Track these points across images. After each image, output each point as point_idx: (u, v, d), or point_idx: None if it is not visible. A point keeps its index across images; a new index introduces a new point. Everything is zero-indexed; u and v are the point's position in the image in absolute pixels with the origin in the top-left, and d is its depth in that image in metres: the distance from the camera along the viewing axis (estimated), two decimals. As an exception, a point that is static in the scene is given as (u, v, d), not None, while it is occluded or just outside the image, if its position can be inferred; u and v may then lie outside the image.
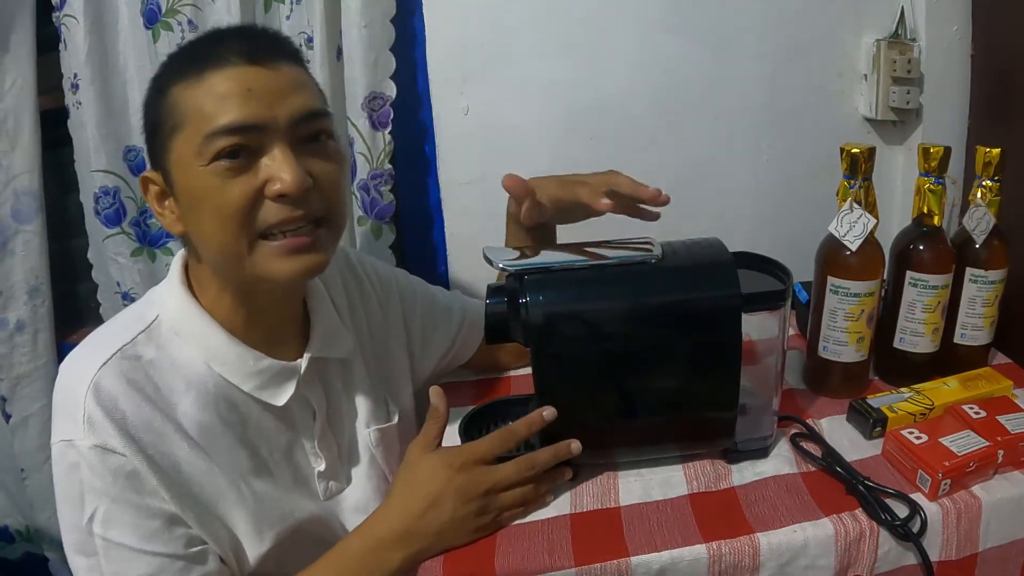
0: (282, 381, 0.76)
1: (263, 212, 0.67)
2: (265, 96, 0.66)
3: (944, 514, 0.69)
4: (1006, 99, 1.06)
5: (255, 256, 0.68)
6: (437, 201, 1.25)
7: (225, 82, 0.66)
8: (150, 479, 0.66)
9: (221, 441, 0.72)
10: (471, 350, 1.02)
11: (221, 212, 0.66)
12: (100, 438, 0.65)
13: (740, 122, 1.21)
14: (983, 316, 0.90)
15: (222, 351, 0.73)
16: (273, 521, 0.73)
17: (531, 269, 0.71)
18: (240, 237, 0.67)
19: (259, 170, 0.67)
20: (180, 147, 0.67)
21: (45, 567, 1.45)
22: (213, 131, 0.65)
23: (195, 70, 0.67)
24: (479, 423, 0.85)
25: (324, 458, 0.80)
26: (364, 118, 1.14)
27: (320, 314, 0.82)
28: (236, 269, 0.70)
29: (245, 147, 0.66)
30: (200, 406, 0.71)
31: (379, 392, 0.88)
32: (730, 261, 0.73)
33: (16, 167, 1.22)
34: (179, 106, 0.67)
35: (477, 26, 1.15)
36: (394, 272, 0.98)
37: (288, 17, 1.14)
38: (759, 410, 0.79)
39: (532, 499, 0.73)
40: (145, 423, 0.67)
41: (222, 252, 0.69)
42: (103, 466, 0.65)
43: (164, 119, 0.68)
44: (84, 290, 1.35)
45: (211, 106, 0.65)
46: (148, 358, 0.70)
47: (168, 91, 0.68)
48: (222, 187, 0.66)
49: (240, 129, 0.65)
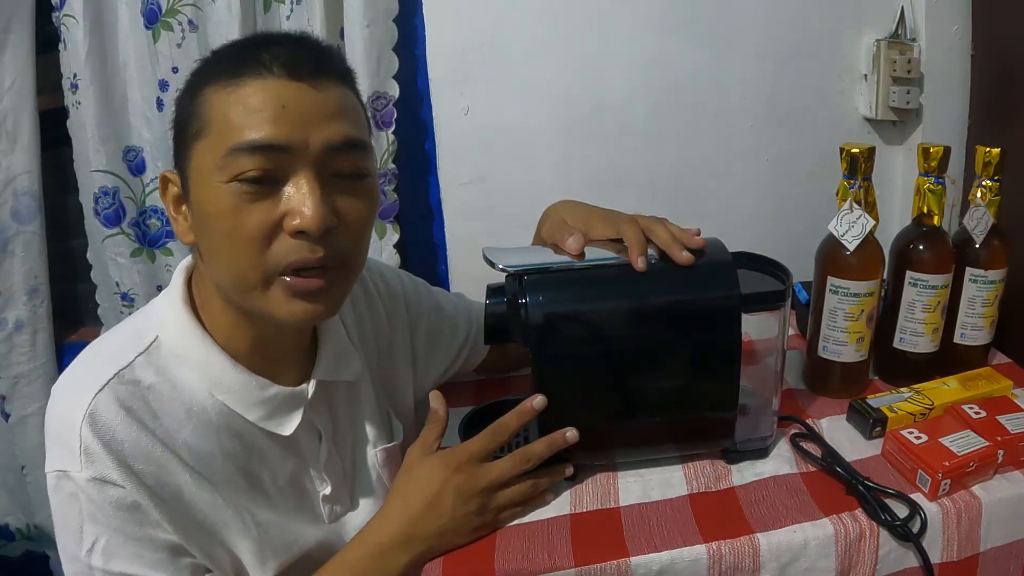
0: (289, 410, 0.73)
1: (279, 246, 0.62)
2: (300, 116, 0.61)
3: (944, 514, 0.69)
4: (1006, 99, 1.06)
5: (269, 292, 0.64)
6: (437, 201, 1.25)
7: (260, 94, 0.60)
8: (152, 511, 0.63)
9: (223, 471, 0.69)
10: (476, 361, 1.00)
11: (234, 238, 0.62)
12: (98, 471, 0.61)
13: (740, 122, 1.21)
14: (983, 316, 0.90)
15: (226, 379, 0.69)
16: (277, 550, 0.71)
17: (531, 270, 0.71)
18: (254, 269, 0.63)
19: (280, 199, 0.61)
20: (201, 154, 0.62)
21: (46, 565, 1.45)
22: (238, 146, 0.60)
23: (232, 74, 0.61)
24: (479, 423, 0.85)
25: (330, 482, 0.77)
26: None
27: (329, 336, 0.78)
28: (245, 299, 0.65)
29: (269, 172, 0.61)
30: (201, 435, 0.68)
31: (383, 410, 0.86)
32: (730, 261, 0.73)
33: (16, 167, 1.22)
34: (208, 110, 0.62)
35: (477, 26, 1.15)
36: (401, 280, 0.94)
37: (288, 17, 1.14)
38: (759, 410, 0.79)
39: (531, 496, 0.72)
40: (144, 453, 0.64)
41: (233, 279, 0.64)
42: (102, 498, 0.62)
43: (191, 120, 0.63)
44: (83, 290, 1.35)
45: (240, 117, 0.60)
46: (147, 383, 0.66)
47: (201, 91, 0.63)
48: (238, 210, 0.61)
49: (266, 148, 0.60)
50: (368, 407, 0.83)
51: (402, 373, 0.92)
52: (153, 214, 1.24)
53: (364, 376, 0.83)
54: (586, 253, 0.74)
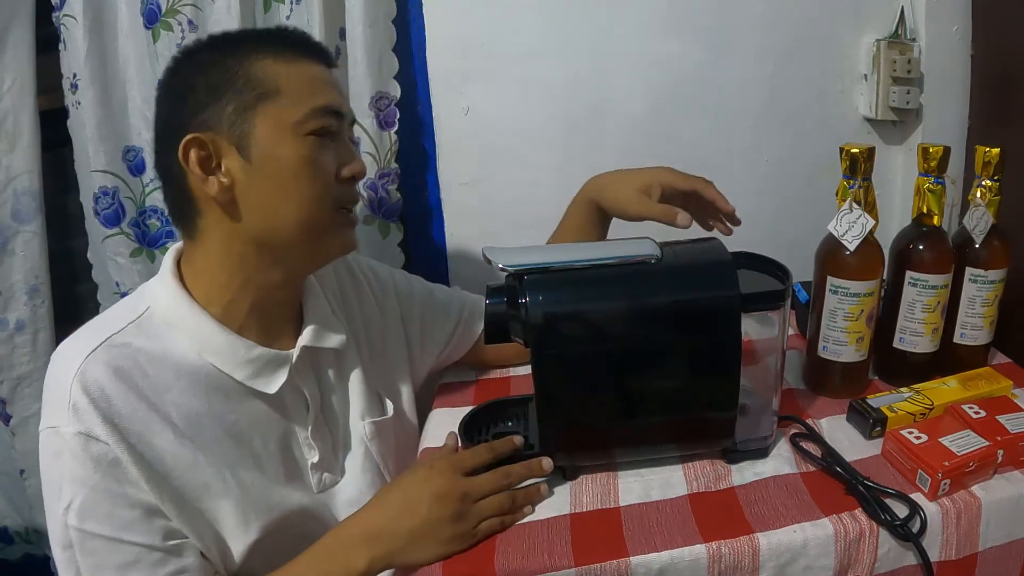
0: (275, 369, 0.76)
1: (338, 188, 0.75)
2: (341, 94, 0.77)
3: (944, 514, 0.69)
4: (1006, 99, 1.06)
5: (333, 226, 0.75)
6: (437, 201, 1.25)
7: (314, 69, 0.74)
8: (131, 468, 0.66)
9: (210, 431, 0.72)
10: (470, 343, 1.02)
11: (314, 182, 0.72)
12: (84, 425, 0.65)
13: (740, 122, 1.22)
14: (983, 316, 0.90)
15: (214, 340, 0.73)
16: (259, 511, 0.73)
17: (531, 269, 0.71)
18: (328, 209, 0.74)
19: (336, 151, 0.75)
20: (276, 114, 0.70)
21: (45, 568, 1.45)
22: (318, 107, 0.72)
23: (286, 51, 0.72)
24: (479, 423, 0.85)
25: (318, 449, 0.80)
26: (371, 118, 1.15)
27: (312, 306, 0.83)
28: (308, 236, 0.74)
29: (332, 129, 0.74)
30: (190, 394, 0.71)
31: (373, 386, 0.88)
32: (729, 261, 0.73)
33: (16, 167, 1.22)
34: (273, 76, 0.70)
35: (477, 26, 1.16)
36: (391, 272, 0.99)
37: (288, 17, 1.14)
38: (759, 410, 0.79)
39: (509, 510, 0.72)
40: (131, 412, 0.67)
41: (307, 217, 0.73)
42: (85, 453, 0.65)
43: (246, 84, 0.70)
44: (84, 290, 1.35)
45: (311, 85, 0.72)
46: (137, 346, 0.70)
47: (250, 58, 0.71)
48: (316, 159, 0.72)
49: (335, 112, 0.73)
50: (356, 380, 0.86)
51: (394, 357, 0.94)
52: (153, 214, 1.24)
53: (350, 348, 0.86)
54: (587, 252, 0.74)
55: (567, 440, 0.76)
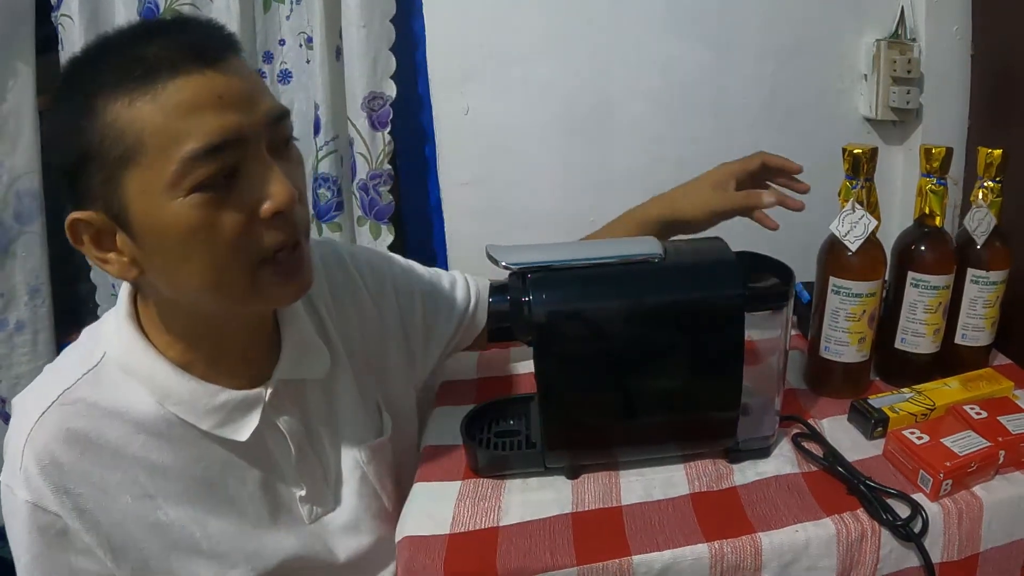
0: (244, 413, 0.69)
1: (258, 235, 0.60)
2: (237, 102, 0.57)
3: (945, 514, 0.69)
4: (1006, 99, 1.06)
5: (258, 285, 0.62)
6: (437, 201, 1.25)
7: (186, 90, 0.55)
8: (83, 537, 0.63)
9: (176, 483, 0.67)
10: (476, 331, 0.97)
11: (212, 246, 0.58)
12: (34, 495, 0.61)
13: (740, 122, 1.22)
14: (984, 317, 0.90)
15: (174, 389, 0.66)
16: (238, 560, 0.69)
17: (534, 267, 0.71)
18: (240, 266, 0.60)
19: (243, 190, 0.59)
20: (142, 178, 0.56)
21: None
22: (192, 155, 0.55)
23: (142, 79, 0.55)
24: (479, 423, 0.85)
25: (306, 484, 0.74)
26: (364, 118, 1.14)
27: (291, 332, 0.75)
28: (230, 300, 0.63)
29: (228, 168, 0.58)
30: (151, 448, 0.66)
31: (370, 403, 0.83)
32: (733, 260, 0.72)
33: (17, 168, 1.22)
34: (129, 127, 0.55)
35: (477, 26, 1.16)
36: (389, 263, 0.90)
37: (288, 17, 1.14)
38: (761, 410, 0.79)
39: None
40: (84, 477, 0.63)
41: (217, 285, 0.61)
42: (32, 522, 0.62)
43: (105, 145, 0.56)
44: (83, 291, 1.35)
45: (180, 123, 0.55)
46: (91, 400, 0.64)
47: (103, 108, 0.56)
48: (210, 219, 0.57)
49: (222, 147, 0.56)
50: (349, 402, 0.79)
51: (393, 358, 0.88)
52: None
53: (343, 370, 0.79)
54: (590, 250, 0.74)
55: (569, 439, 0.76)
